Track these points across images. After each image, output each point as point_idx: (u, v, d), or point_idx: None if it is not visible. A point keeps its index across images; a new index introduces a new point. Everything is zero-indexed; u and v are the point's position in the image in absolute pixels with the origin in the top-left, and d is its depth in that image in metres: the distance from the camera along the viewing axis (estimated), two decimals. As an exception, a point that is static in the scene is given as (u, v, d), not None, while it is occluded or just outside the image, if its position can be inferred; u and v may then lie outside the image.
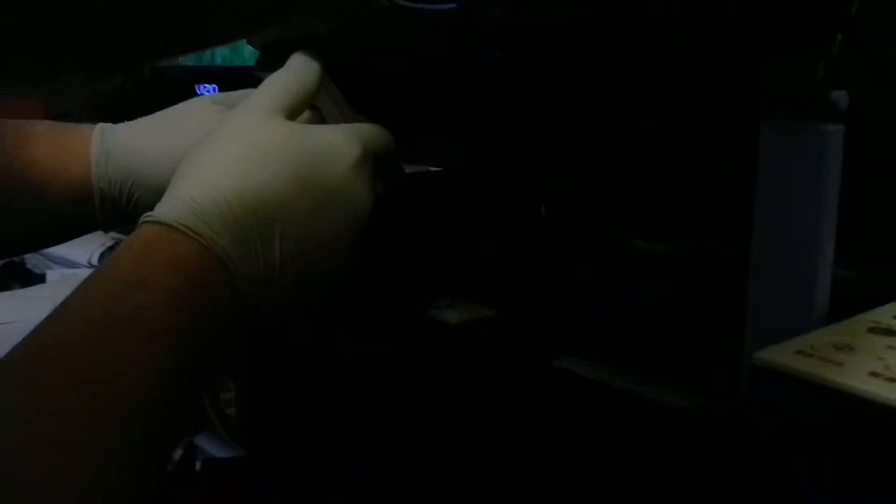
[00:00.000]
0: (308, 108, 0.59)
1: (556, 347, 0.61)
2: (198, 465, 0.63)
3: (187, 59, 1.28)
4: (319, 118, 0.62)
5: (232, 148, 0.52)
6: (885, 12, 0.36)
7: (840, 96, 0.37)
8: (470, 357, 0.68)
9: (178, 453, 0.60)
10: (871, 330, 0.37)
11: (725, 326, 0.42)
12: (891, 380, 0.32)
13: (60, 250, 1.17)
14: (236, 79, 0.72)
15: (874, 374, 0.32)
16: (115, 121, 0.66)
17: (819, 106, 0.37)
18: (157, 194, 0.51)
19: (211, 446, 0.68)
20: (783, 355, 0.34)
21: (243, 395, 0.67)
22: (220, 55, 1.29)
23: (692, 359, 0.51)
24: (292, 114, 0.56)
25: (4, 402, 0.40)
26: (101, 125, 0.65)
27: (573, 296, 0.68)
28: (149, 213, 0.48)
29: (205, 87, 1.16)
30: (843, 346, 0.35)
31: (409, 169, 0.75)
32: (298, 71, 0.58)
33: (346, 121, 0.61)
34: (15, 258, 1.16)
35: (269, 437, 0.67)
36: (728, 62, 0.40)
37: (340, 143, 0.55)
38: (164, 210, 0.48)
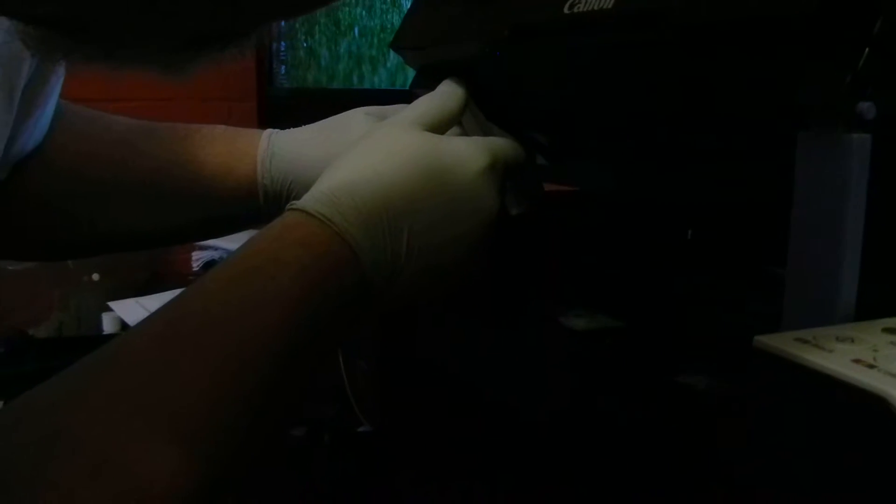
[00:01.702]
0: (452, 126, 0.65)
1: (680, 363, 0.64)
2: (326, 437, 0.69)
3: (383, 83, 1.39)
4: (462, 135, 0.68)
5: (371, 151, 0.58)
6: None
7: (867, 107, 0.39)
8: (593, 363, 0.72)
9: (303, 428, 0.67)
10: (886, 329, 0.39)
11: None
12: (870, 366, 0.34)
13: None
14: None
15: (857, 361, 0.35)
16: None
17: (847, 117, 0.39)
18: None
19: (342, 421, 0.75)
20: (780, 341, 0.37)
21: (375, 377, 0.73)
22: (376, 80, 1.39)
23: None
24: (433, 130, 0.62)
25: (148, 359, 0.46)
26: (269, 130, 0.73)
27: (703, 316, 0.71)
28: (292, 202, 0.55)
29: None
30: (845, 339, 0.37)
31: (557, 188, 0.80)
32: (444, 95, 0.64)
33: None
34: (215, 258, 1.30)
35: (396, 418, 0.73)
36: (767, 80, 0.43)
37: (470, 151, 0.60)
38: (305, 200, 0.54)
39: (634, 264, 0.80)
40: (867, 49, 0.39)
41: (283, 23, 1.86)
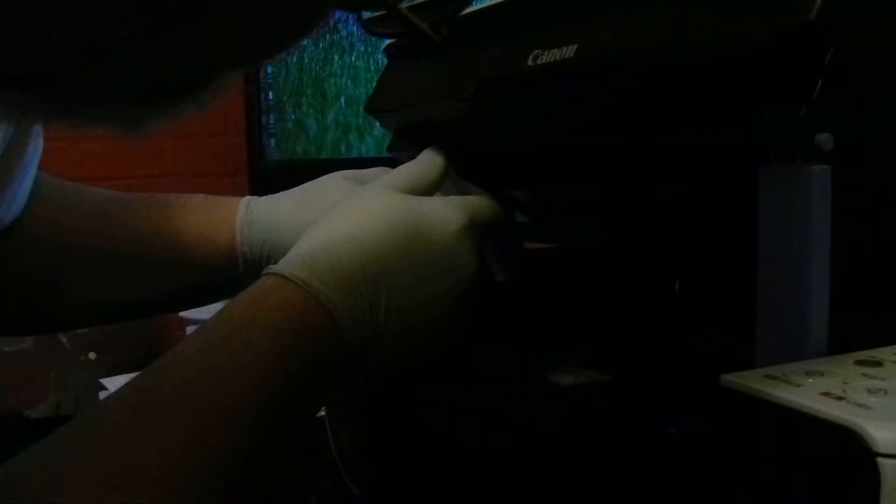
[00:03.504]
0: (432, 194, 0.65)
1: (668, 413, 0.63)
2: (314, 504, 0.68)
3: (370, 150, 1.40)
4: None
5: (348, 214, 0.58)
6: (861, 57, 0.38)
7: (825, 138, 0.39)
8: (582, 418, 0.71)
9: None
10: (858, 362, 0.38)
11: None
12: (839, 398, 0.33)
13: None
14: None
15: (826, 394, 0.34)
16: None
17: (805, 149, 0.39)
18: None
19: (330, 488, 0.74)
20: (749, 378, 0.36)
21: (361, 441, 0.72)
22: (364, 148, 1.42)
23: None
24: (413, 195, 0.61)
25: (124, 424, 0.46)
26: (247, 197, 0.73)
27: (690, 365, 0.70)
28: (269, 266, 0.55)
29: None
30: (815, 373, 0.36)
31: (539, 246, 0.80)
32: (424, 163, 0.64)
33: None
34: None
35: (385, 481, 0.72)
36: (723, 120, 0.43)
37: (447, 211, 0.60)
38: (282, 264, 0.54)
39: (622, 318, 0.80)
40: (820, 80, 0.38)
41: (270, 96, 1.89)
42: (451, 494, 0.71)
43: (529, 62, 0.54)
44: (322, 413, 0.75)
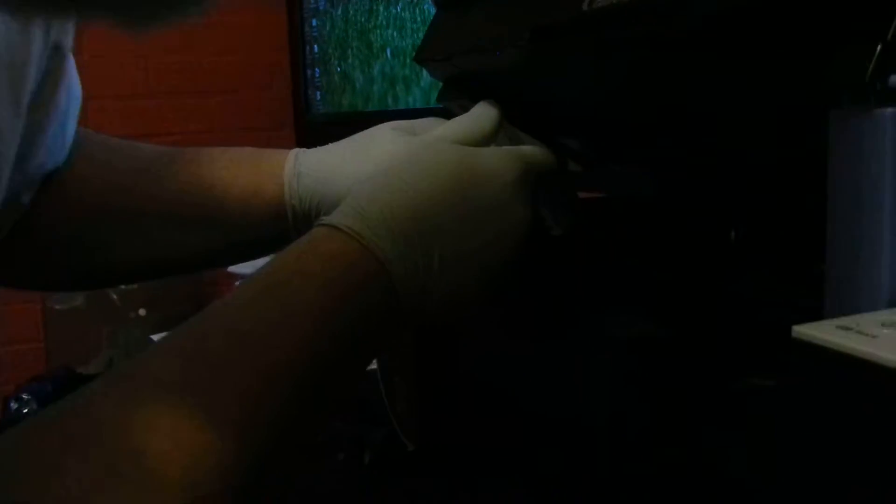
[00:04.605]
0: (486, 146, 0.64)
1: (730, 366, 0.62)
2: (367, 458, 0.68)
3: (417, 102, 1.39)
4: None
5: (402, 165, 0.57)
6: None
7: (900, 80, 0.37)
8: (641, 373, 0.70)
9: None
10: (938, 311, 0.36)
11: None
12: (918, 350, 0.32)
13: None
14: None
15: (904, 346, 0.32)
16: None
17: (878, 91, 0.37)
18: None
19: (383, 441, 0.74)
20: (821, 329, 0.35)
21: (415, 394, 0.72)
22: (410, 100, 1.41)
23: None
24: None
25: (171, 375, 0.46)
26: (296, 150, 0.73)
27: (751, 316, 0.68)
28: (321, 217, 0.54)
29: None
30: (890, 323, 0.35)
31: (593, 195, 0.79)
32: (479, 115, 0.63)
33: None
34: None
35: (438, 436, 0.72)
36: (792, 62, 0.41)
37: (501, 161, 0.59)
38: (334, 215, 0.53)
39: (678, 269, 0.78)
40: (896, 18, 0.37)
41: (316, 49, 1.87)
42: (504, 448, 0.70)
43: (585, 6, 0.53)
44: (374, 366, 0.75)
